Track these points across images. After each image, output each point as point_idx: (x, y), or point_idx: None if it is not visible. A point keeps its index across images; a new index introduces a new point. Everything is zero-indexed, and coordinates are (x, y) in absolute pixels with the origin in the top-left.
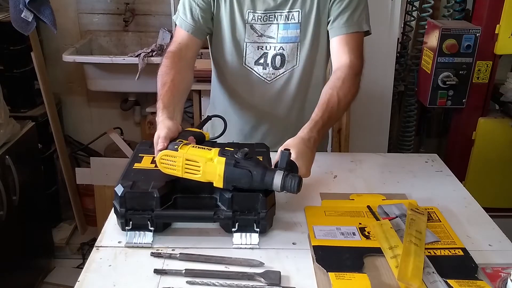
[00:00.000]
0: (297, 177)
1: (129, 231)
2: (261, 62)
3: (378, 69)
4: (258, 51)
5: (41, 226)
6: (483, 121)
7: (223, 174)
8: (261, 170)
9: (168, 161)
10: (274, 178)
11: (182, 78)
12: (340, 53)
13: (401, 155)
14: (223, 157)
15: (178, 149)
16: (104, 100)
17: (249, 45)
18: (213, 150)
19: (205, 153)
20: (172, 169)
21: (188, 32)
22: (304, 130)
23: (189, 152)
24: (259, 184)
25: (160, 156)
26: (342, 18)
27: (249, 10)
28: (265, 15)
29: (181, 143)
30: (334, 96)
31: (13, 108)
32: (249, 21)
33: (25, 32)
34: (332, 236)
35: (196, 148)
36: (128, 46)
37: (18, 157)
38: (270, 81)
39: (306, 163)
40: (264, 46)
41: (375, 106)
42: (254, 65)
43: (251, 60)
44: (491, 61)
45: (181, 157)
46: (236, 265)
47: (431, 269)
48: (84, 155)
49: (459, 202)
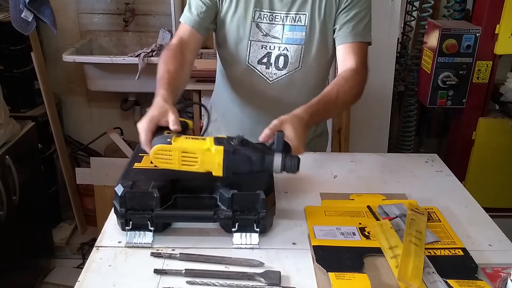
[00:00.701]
0: (296, 157)
1: (129, 231)
2: (264, 61)
3: (378, 69)
4: (262, 50)
5: (41, 226)
6: (483, 121)
7: (222, 162)
8: (260, 154)
9: (163, 155)
10: (274, 161)
11: (182, 70)
12: (346, 59)
13: (401, 155)
14: (221, 146)
15: (172, 142)
16: (104, 100)
17: (253, 44)
18: (207, 139)
19: (200, 143)
20: (168, 163)
21: (190, 27)
22: (298, 110)
23: (184, 144)
24: (259, 168)
25: (154, 151)
26: (348, 27)
27: (256, 9)
28: (271, 15)
29: (172, 136)
30: (334, 90)
31: (13, 108)
32: (255, 20)
33: (25, 32)
34: (332, 236)
35: (190, 139)
36: (128, 46)
37: (18, 157)
38: (272, 81)
39: (301, 139)
40: (268, 46)
41: (375, 106)
42: (257, 64)
43: (254, 59)
44: (491, 61)
45: (177, 150)
46: (236, 265)
47: (431, 269)
48: (84, 155)
49: (459, 202)
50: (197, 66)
